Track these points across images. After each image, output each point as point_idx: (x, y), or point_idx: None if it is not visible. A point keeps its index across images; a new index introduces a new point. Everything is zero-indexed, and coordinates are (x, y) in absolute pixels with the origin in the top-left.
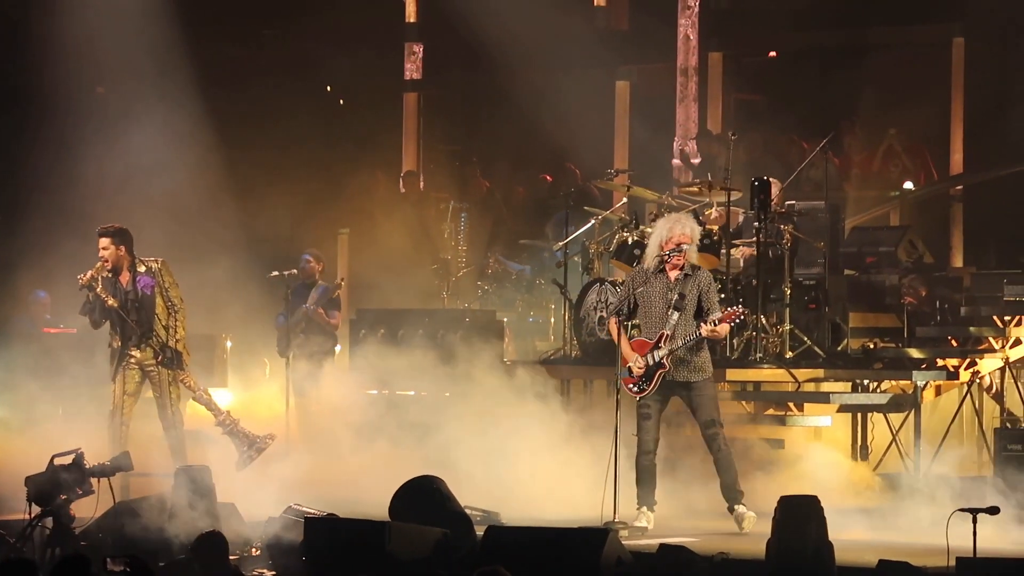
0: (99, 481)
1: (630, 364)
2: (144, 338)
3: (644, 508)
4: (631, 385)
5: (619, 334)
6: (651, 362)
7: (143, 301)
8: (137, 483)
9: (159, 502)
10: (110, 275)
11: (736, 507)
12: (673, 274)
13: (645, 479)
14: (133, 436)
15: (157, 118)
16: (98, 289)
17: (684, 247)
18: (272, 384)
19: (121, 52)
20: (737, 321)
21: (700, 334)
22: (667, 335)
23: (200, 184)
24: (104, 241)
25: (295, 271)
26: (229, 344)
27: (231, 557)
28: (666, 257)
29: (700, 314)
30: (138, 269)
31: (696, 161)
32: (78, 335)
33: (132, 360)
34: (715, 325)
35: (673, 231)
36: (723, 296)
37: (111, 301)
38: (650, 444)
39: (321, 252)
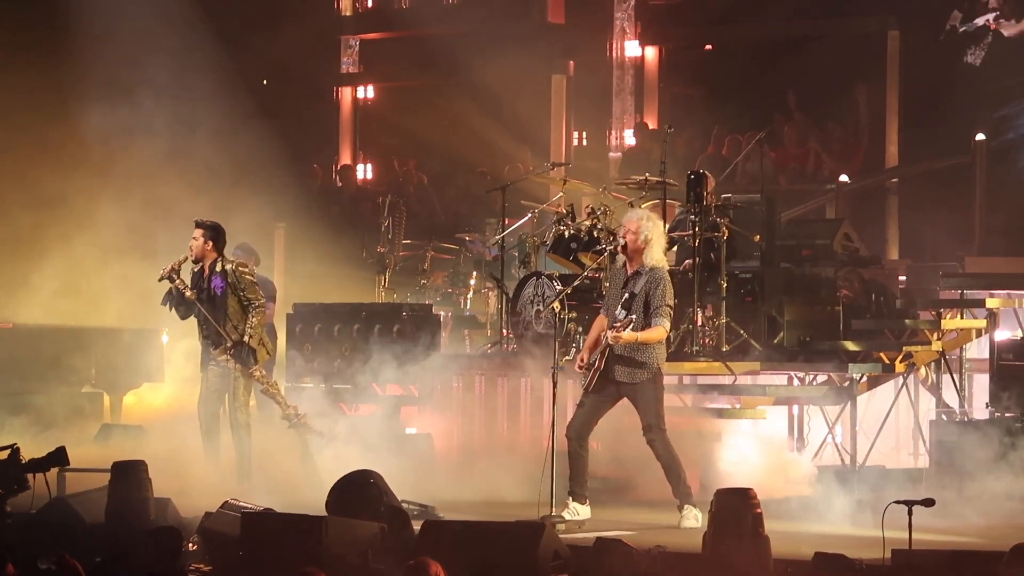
0: (34, 476)
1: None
2: (217, 335)
3: (569, 498)
4: (582, 380)
5: (592, 327)
6: (591, 359)
7: (214, 300)
8: (73, 478)
9: (95, 497)
10: (196, 267)
11: (683, 507)
12: (631, 270)
13: (570, 466)
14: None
15: (101, 103)
16: (176, 282)
17: (620, 240)
18: None
19: None
20: (625, 331)
21: (607, 339)
22: (609, 333)
23: (137, 176)
24: (196, 232)
25: None
26: (166, 338)
27: None
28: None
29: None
30: (216, 268)
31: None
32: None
33: (212, 354)
34: (616, 331)
35: (624, 223)
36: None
37: (189, 293)
38: (571, 432)
39: (254, 246)
